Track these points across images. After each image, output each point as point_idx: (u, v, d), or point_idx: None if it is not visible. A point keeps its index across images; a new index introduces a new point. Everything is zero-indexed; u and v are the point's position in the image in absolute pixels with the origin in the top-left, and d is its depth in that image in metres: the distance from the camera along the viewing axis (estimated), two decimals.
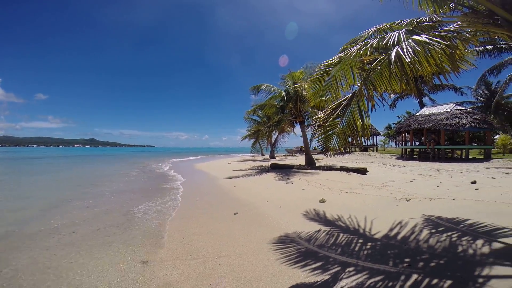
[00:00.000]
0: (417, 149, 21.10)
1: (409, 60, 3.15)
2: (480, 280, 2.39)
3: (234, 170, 14.32)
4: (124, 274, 2.96)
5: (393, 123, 41.80)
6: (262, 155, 33.40)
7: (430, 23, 4.55)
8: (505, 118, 29.51)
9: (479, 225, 3.84)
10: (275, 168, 13.95)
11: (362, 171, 11.14)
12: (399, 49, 3.41)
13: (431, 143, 18.86)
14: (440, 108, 19.80)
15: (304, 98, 14.49)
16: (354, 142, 3.98)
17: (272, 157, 26.96)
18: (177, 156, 40.73)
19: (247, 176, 11.63)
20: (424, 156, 19.45)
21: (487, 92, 29.04)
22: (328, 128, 3.95)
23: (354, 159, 20.34)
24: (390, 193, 6.58)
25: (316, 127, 4.27)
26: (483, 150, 18.12)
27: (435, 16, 4.55)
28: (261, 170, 13.72)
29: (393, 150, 32.07)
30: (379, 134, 36.02)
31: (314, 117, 6.00)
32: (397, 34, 3.84)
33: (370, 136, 32.93)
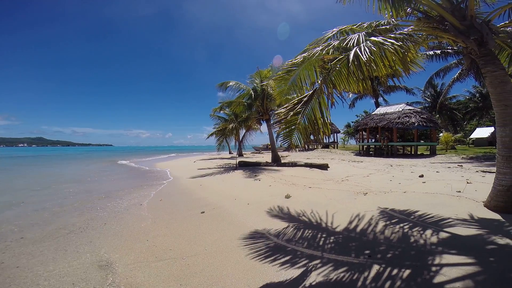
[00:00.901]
0: (373, 146, 22.77)
1: (365, 58, 3.35)
2: (433, 268, 2.62)
3: (199, 169, 14.03)
4: (84, 279, 2.78)
5: (352, 122, 44.55)
6: (230, 153, 33.27)
7: (387, 26, 4.91)
8: (448, 118, 33.25)
9: (427, 216, 4.25)
10: (243, 165, 14.00)
11: (324, 167, 11.72)
12: (357, 49, 3.62)
13: (385, 140, 20.53)
14: (393, 108, 21.60)
15: (270, 96, 14.73)
16: (316, 139, 4.15)
17: (240, 154, 26.99)
18: (138, 156, 38.47)
19: (214, 174, 11.49)
20: (379, 153, 21.11)
21: (433, 93, 32.35)
22: (289, 124, 4.03)
23: (316, 156, 21.28)
24: (349, 187, 7.03)
25: (278, 123, 4.35)
26: (429, 146, 20.19)
27: (393, 20, 4.91)
28: (229, 168, 13.66)
29: (352, 147, 34.23)
30: (339, 132, 38.08)
31: (275, 112, 6.11)
32: (357, 36, 4.07)
33: (331, 134, 34.72)
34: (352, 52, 3.64)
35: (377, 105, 29.05)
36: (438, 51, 15.50)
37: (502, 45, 5.20)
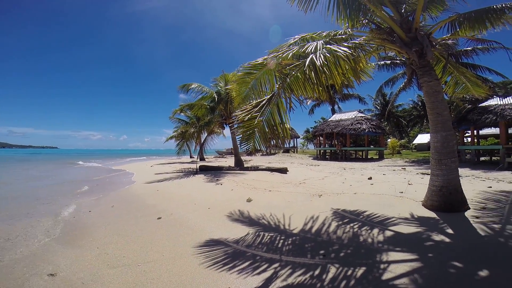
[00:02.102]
0: (329, 151, 24.23)
1: (319, 63, 3.53)
2: (382, 266, 2.80)
3: (157, 174, 13.34)
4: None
5: (311, 128, 46.80)
6: (191, 157, 32.26)
7: (343, 36, 5.24)
8: (394, 124, 36.82)
9: (375, 216, 4.59)
10: (204, 170, 13.69)
11: (284, 170, 12.08)
12: (313, 56, 3.80)
13: (339, 145, 21.96)
14: (347, 115, 23.24)
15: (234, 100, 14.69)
16: (275, 143, 4.23)
17: (202, 159, 26.36)
18: (86, 159, 35.18)
19: (173, 179, 11.02)
20: (334, 157, 22.50)
21: (383, 102, 35.63)
22: (248, 127, 4.03)
23: (278, 160, 21.80)
24: (306, 190, 7.32)
25: (237, 126, 4.34)
26: (378, 151, 22.10)
27: (349, 30, 5.26)
28: (189, 173, 13.24)
29: (310, 152, 35.86)
30: (299, 137, 39.75)
31: (232, 114, 6.09)
32: (315, 44, 4.22)
33: (292, 139, 36.04)
34: (309, 59, 3.80)
35: (333, 112, 30.99)
36: (388, 62, 17.11)
37: (439, 57, 5.90)
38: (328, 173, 11.45)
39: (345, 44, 4.25)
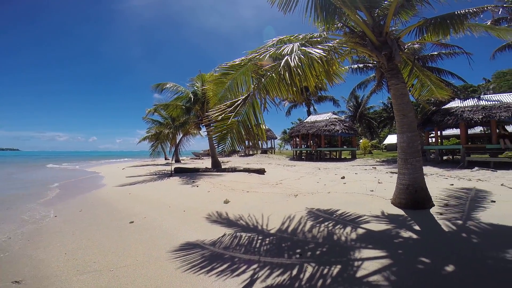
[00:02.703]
0: (305, 151, 24.79)
1: (293, 64, 3.57)
2: (356, 263, 2.88)
3: (129, 177, 12.74)
4: None
5: (288, 129, 47.63)
6: (166, 159, 31.30)
7: (319, 39, 5.35)
8: (366, 126, 38.51)
9: (347, 214, 4.74)
10: (180, 172, 13.33)
11: (261, 171, 12.13)
12: (288, 57, 3.84)
13: (314, 146, 22.55)
14: (321, 116, 23.93)
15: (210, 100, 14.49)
16: (252, 143, 4.21)
17: (177, 160, 25.67)
18: (53, 161, 32.87)
19: (146, 182, 10.61)
20: (310, 157, 23.06)
21: (355, 104, 37.12)
22: (222, 128, 3.98)
23: (256, 161, 21.87)
24: (283, 190, 7.40)
25: (210, 126, 4.29)
26: (351, 151, 22.98)
27: (324, 33, 5.38)
28: (163, 175, 12.82)
29: (287, 152, 36.42)
30: (276, 138, 40.18)
31: (205, 114, 5.99)
32: (292, 45, 4.25)
33: (269, 140, 36.37)
34: (284, 60, 3.84)
35: (309, 113, 31.77)
36: (361, 65, 17.86)
37: (406, 61, 6.23)
38: (303, 173, 11.68)
39: (320, 46, 4.33)
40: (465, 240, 3.49)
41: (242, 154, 30.12)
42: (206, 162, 20.74)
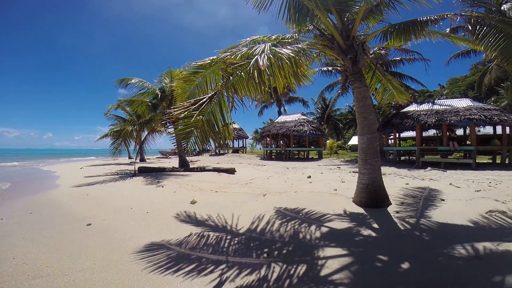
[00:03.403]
0: (275, 151, 25.22)
1: (261, 64, 3.57)
2: (320, 262, 2.97)
3: (87, 177, 11.82)
4: None
5: (260, 128, 48.01)
6: (130, 157, 29.65)
7: (290, 40, 5.42)
8: (333, 127, 40.15)
9: (312, 213, 4.89)
10: (144, 171, 12.69)
11: (231, 171, 12.02)
12: (258, 56, 3.83)
13: (283, 146, 23.01)
14: (291, 117, 24.50)
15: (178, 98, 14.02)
16: (217, 143, 4.12)
17: (142, 160, 24.46)
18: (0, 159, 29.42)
19: (106, 182, 9.92)
20: (279, 157, 23.52)
21: (323, 106, 38.56)
22: (186, 125, 3.85)
23: (227, 160, 21.68)
24: (252, 190, 7.41)
25: (173, 124, 4.12)
26: (318, 151, 23.84)
27: (296, 34, 5.45)
28: (126, 175, 12.10)
29: (259, 152, 36.69)
30: (248, 137, 40.23)
31: (167, 111, 5.77)
32: (263, 46, 4.24)
33: (240, 139, 36.33)
34: (253, 59, 3.82)
35: (280, 114, 32.29)
36: (330, 68, 18.56)
37: (370, 65, 6.55)
38: (272, 173, 11.83)
39: (289, 47, 4.39)
40: (418, 238, 3.75)
41: (213, 153, 29.66)
42: (174, 162, 20.05)
